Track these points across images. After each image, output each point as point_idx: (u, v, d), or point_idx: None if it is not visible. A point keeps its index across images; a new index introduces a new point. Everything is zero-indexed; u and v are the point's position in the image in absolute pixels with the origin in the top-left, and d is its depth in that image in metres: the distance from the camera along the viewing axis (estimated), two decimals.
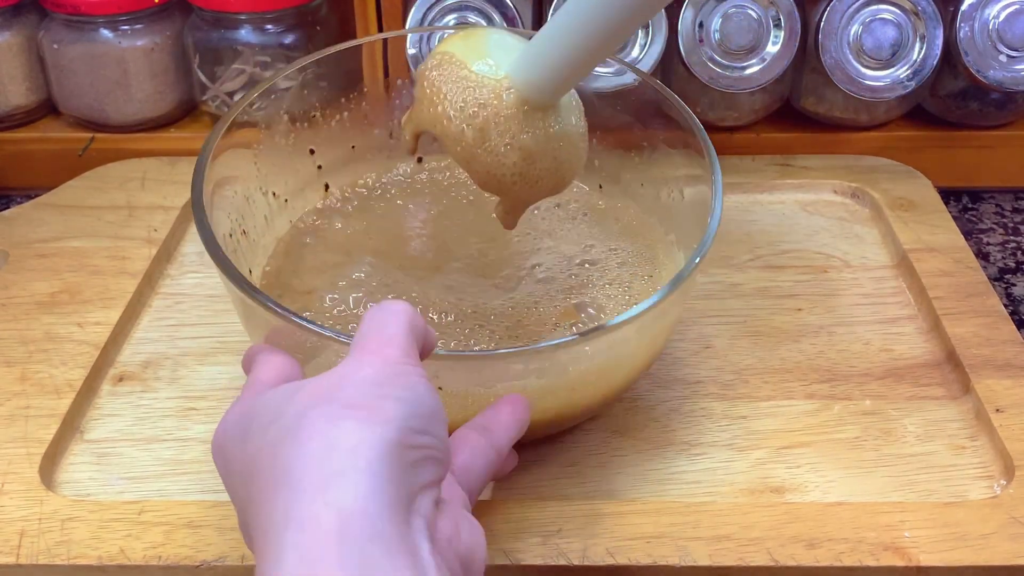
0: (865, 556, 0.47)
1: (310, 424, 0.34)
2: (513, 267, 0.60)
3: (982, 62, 0.74)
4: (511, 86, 0.48)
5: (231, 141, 0.57)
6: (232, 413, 0.39)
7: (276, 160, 0.62)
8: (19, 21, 0.78)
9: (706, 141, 0.55)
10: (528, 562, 0.47)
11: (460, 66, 0.49)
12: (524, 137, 0.48)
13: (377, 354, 0.38)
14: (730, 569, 0.47)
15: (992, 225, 0.76)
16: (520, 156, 0.48)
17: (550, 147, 0.49)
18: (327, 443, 0.34)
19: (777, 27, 0.73)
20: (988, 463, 0.53)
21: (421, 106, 0.50)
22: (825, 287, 0.65)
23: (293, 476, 0.33)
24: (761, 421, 0.55)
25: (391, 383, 0.37)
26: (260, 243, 0.60)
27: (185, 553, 0.47)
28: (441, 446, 0.37)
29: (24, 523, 0.49)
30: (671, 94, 0.58)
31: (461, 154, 0.49)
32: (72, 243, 0.68)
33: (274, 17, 0.77)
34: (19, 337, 0.60)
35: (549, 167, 0.50)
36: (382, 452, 0.34)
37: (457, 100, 0.48)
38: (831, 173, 0.76)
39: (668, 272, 0.58)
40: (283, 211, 0.62)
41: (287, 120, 0.62)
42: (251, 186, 0.60)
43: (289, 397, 0.37)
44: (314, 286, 0.57)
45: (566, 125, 0.50)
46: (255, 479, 0.35)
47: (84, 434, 0.55)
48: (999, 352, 0.58)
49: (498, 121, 0.48)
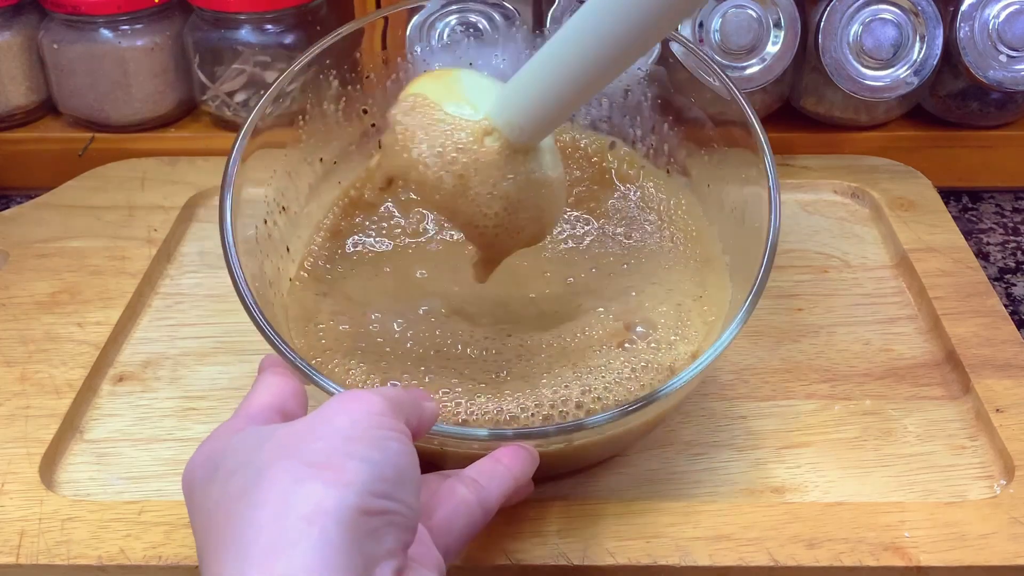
0: (865, 556, 0.47)
1: (269, 483, 0.33)
2: (560, 282, 0.58)
3: (982, 62, 0.74)
4: (492, 129, 0.45)
5: (274, 121, 0.55)
6: (204, 449, 0.38)
7: (323, 125, 0.59)
8: (19, 21, 0.78)
9: (772, 169, 0.53)
10: (528, 562, 0.47)
11: (434, 108, 0.46)
12: (506, 184, 0.45)
13: (357, 404, 0.36)
14: (730, 569, 0.47)
15: (992, 225, 0.76)
16: (502, 206, 0.46)
17: (533, 194, 0.47)
18: (283, 507, 0.33)
19: (777, 27, 0.73)
20: (988, 463, 0.53)
21: (393, 151, 0.47)
22: (825, 287, 0.65)
23: (245, 540, 0.32)
24: (761, 421, 0.55)
25: (361, 439, 0.35)
26: (303, 214, 0.58)
27: (185, 553, 0.47)
28: (407, 512, 0.35)
29: (24, 523, 0.49)
30: (750, 108, 0.55)
31: (440, 203, 0.46)
32: (72, 243, 0.68)
33: (274, 17, 0.77)
34: (19, 337, 0.60)
35: (532, 216, 0.47)
36: (339, 519, 0.32)
37: (435, 145, 0.45)
38: (831, 173, 0.76)
39: (716, 292, 0.55)
40: (331, 174, 0.60)
41: (337, 85, 0.59)
42: (295, 158, 0.57)
43: (258, 446, 0.36)
44: (366, 299, 0.56)
45: (548, 170, 0.47)
46: (210, 532, 0.34)
47: (84, 434, 0.55)
48: (999, 352, 0.58)
49: (479, 167, 0.45)
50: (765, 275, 0.49)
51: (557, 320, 0.55)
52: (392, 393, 0.39)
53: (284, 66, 0.76)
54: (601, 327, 0.54)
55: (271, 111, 0.55)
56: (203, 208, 0.73)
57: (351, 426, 0.36)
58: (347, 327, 0.54)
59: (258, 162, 0.54)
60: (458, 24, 0.73)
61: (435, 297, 0.56)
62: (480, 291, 0.54)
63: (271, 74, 0.78)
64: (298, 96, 0.57)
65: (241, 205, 0.52)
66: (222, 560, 0.32)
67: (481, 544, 0.47)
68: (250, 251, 0.52)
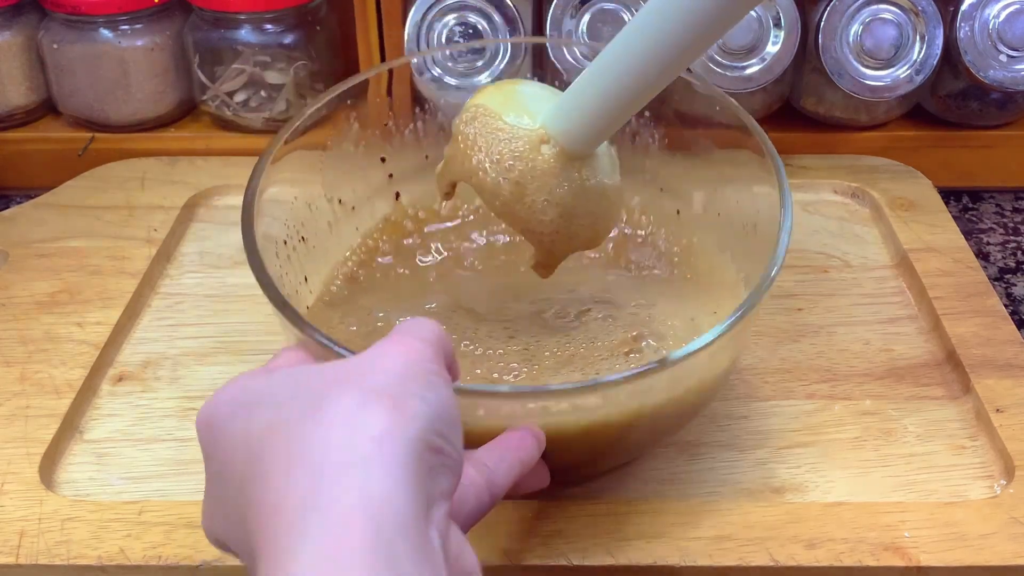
0: (865, 556, 0.47)
1: (334, 405, 0.33)
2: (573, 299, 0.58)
3: (982, 62, 0.74)
4: (547, 137, 0.47)
5: (296, 145, 0.55)
6: (232, 388, 0.37)
7: (344, 167, 0.60)
8: (19, 21, 0.78)
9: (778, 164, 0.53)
10: (528, 562, 0.47)
11: (495, 118, 0.48)
12: (561, 192, 0.47)
13: (407, 347, 0.36)
14: (730, 569, 0.47)
15: (992, 225, 0.76)
16: (558, 212, 0.48)
17: (588, 202, 0.49)
18: (352, 427, 0.32)
19: (777, 27, 0.73)
20: (988, 463, 0.53)
21: (456, 159, 0.50)
22: (825, 287, 0.65)
23: (314, 457, 0.31)
24: (761, 421, 0.55)
25: (417, 381, 0.35)
26: (321, 249, 0.58)
27: (185, 553, 0.47)
28: (457, 457, 0.35)
29: (24, 523, 0.49)
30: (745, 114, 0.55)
31: (500, 208, 0.49)
32: (72, 243, 0.68)
33: (274, 17, 0.77)
34: (19, 337, 0.60)
35: (586, 223, 0.49)
36: (407, 446, 0.32)
37: (493, 152, 0.48)
38: (831, 173, 0.76)
39: (732, 306, 0.54)
40: (350, 218, 0.61)
41: (357, 127, 0.60)
42: (314, 192, 0.58)
43: (311, 374, 0.35)
44: (376, 306, 0.56)
45: (603, 178, 0.49)
46: (262, 458, 0.33)
47: (84, 434, 0.55)
48: (999, 352, 0.58)
49: (535, 175, 0.47)
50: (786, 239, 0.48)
51: (564, 328, 0.55)
52: (434, 337, 0.38)
53: (284, 66, 0.77)
54: (609, 336, 0.54)
55: (291, 135, 0.55)
56: (203, 208, 0.73)
57: (406, 366, 0.35)
58: (355, 328, 0.55)
59: (278, 186, 0.55)
60: (457, 25, 0.73)
61: (443, 294, 0.57)
62: (485, 293, 0.55)
63: (271, 74, 0.78)
64: (322, 126, 0.58)
65: (263, 205, 0.52)
66: (286, 480, 0.31)
67: (481, 544, 0.47)
68: (269, 258, 0.51)
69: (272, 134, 0.79)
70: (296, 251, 0.55)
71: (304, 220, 0.57)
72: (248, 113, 0.79)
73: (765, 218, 0.53)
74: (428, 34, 0.73)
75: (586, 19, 0.73)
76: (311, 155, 0.58)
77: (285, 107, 0.79)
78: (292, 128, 0.55)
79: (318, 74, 0.79)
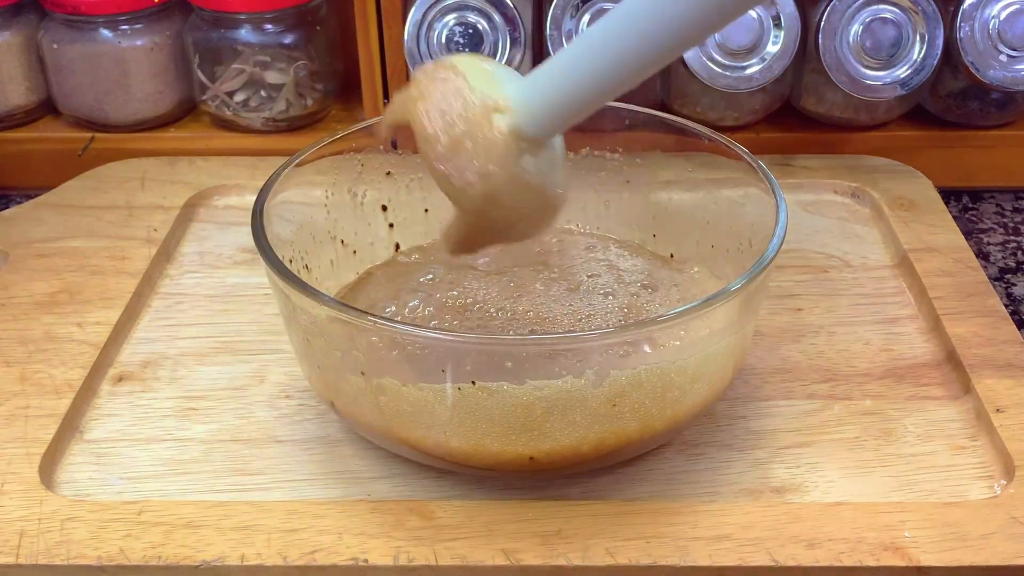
0: (865, 556, 0.47)
1: None
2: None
3: (982, 62, 0.74)
4: (503, 108, 0.45)
5: (301, 179, 0.56)
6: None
7: (346, 211, 0.60)
8: (19, 21, 0.78)
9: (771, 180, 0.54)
10: (528, 562, 0.47)
11: (459, 76, 0.46)
12: (494, 170, 0.45)
13: None
14: (730, 569, 0.47)
15: (992, 225, 0.76)
16: (483, 190, 0.45)
17: (518, 194, 0.46)
18: None
19: (777, 27, 0.73)
20: (988, 463, 0.53)
21: (404, 102, 0.47)
22: (825, 287, 0.65)
23: None
24: (761, 421, 0.55)
25: None
26: (323, 285, 0.57)
27: (185, 553, 0.47)
28: None
29: (24, 523, 0.49)
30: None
31: (430, 159, 0.46)
32: (72, 243, 0.68)
33: (274, 17, 0.77)
34: (19, 337, 0.60)
35: (510, 217, 0.47)
36: None
37: (443, 104, 0.45)
38: (831, 173, 0.76)
39: None
40: (350, 260, 0.61)
41: (359, 172, 0.60)
42: (320, 225, 0.58)
43: None
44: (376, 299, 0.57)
45: (544, 178, 0.46)
46: None
47: (84, 434, 0.55)
48: (999, 352, 0.58)
49: (475, 140, 0.44)
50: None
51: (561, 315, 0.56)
52: None
53: (284, 66, 0.77)
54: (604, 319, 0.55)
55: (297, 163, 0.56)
56: (203, 208, 0.74)
57: None
58: None
59: (284, 205, 0.55)
60: (456, 25, 0.73)
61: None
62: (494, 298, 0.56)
63: (271, 74, 0.78)
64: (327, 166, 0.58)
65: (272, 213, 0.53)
66: None
67: (481, 544, 0.47)
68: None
69: (272, 134, 0.80)
70: (299, 273, 0.55)
71: (308, 248, 0.57)
72: (248, 113, 0.79)
73: (760, 231, 0.53)
74: (428, 34, 0.73)
75: (586, 19, 0.73)
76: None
77: (285, 107, 0.79)
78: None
79: (318, 74, 0.80)
